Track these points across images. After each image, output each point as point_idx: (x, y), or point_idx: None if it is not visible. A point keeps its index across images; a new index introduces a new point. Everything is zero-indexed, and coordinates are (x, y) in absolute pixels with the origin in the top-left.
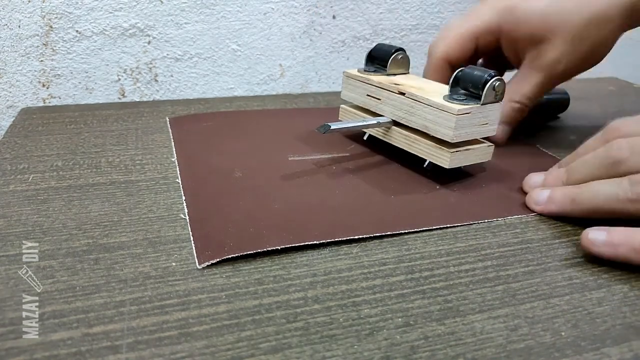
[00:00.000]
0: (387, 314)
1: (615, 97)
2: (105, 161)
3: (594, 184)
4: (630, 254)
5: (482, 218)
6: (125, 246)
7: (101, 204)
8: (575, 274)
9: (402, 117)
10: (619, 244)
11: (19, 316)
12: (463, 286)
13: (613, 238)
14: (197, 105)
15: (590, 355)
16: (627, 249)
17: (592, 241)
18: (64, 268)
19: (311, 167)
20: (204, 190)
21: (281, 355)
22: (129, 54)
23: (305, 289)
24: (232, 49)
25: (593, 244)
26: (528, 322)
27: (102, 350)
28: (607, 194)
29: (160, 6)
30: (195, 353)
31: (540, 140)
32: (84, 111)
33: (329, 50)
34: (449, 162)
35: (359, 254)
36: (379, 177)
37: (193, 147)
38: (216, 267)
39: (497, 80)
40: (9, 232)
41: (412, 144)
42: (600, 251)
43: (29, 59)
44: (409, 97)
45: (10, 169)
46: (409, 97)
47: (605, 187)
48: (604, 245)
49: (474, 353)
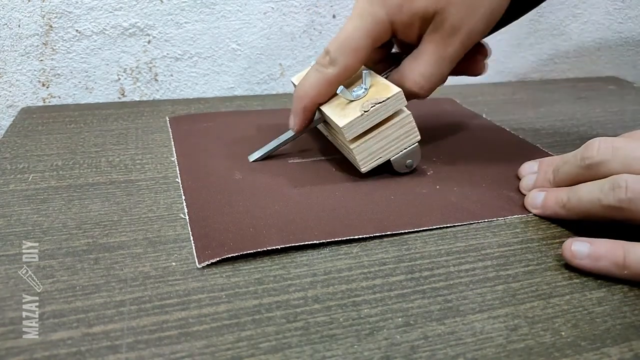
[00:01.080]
0: (387, 314)
1: (615, 97)
2: (105, 161)
3: (580, 187)
4: (612, 268)
5: (482, 218)
6: (125, 246)
7: (101, 203)
8: (575, 274)
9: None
10: (600, 257)
11: (19, 316)
12: (463, 286)
13: (595, 251)
14: (197, 104)
15: (590, 355)
16: (609, 263)
17: (574, 253)
18: (64, 268)
19: (311, 167)
20: (204, 189)
21: (281, 355)
22: (129, 54)
23: (305, 288)
24: (232, 48)
25: (575, 256)
26: (528, 322)
27: (102, 350)
28: (590, 199)
29: (160, 5)
30: (195, 353)
31: (541, 140)
32: (83, 111)
33: None
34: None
35: (359, 254)
36: (378, 177)
37: (193, 147)
38: (216, 267)
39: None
40: (9, 232)
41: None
42: (581, 264)
43: (29, 59)
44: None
45: (10, 169)
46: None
47: (588, 192)
48: (586, 258)
49: (474, 353)
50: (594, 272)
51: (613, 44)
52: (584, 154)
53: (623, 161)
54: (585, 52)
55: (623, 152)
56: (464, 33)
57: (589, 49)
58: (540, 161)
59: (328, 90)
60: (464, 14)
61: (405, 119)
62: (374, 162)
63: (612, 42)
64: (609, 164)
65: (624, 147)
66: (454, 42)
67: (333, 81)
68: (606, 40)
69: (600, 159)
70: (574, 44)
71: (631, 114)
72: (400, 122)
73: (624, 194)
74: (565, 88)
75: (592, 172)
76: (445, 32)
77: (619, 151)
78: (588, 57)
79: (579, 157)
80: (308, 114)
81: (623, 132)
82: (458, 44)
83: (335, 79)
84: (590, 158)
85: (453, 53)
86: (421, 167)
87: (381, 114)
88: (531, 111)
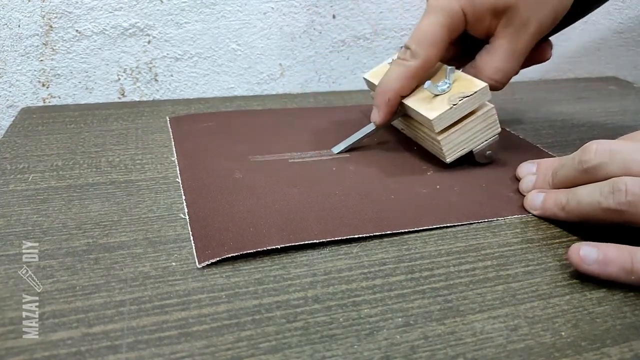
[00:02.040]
0: (387, 314)
1: (615, 97)
2: (105, 161)
3: (579, 189)
4: (620, 274)
5: (482, 218)
6: (125, 246)
7: (101, 203)
8: (575, 274)
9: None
10: (608, 262)
11: (19, 316)
12: (463, 286)
13: (604, 256)
14: (197, 104)
15: (590, 355)
16: (617, 268)
17: (583, 258)
18: (64, 268)
19: (311, 167)
20: (204, 189)
21: (281, 355)
22: (129, 54)
23: (305, 288)
24: (232, 48)
25: (584, 261)
26: (528, 322)
27: (102, 350)
28: (590, 202)
29: (160, 6)
30: (195, 353)
31: (541, 140)
32: (84, 111)
33: (329, 50)
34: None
35: (359, 254)
36: (378, 176)
37: (193, 147)
38: (216, 267)
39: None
40: (9, 232)
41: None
42: (590, 269)
43: (29, 59)
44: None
45: (10, 169)
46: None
47: (588, 195)
48: (594, 263)
49: (474, 353)
50: (601, 278)
51: (613, 44)
52: (581, 157)
53: (621, 164)
54: (585, 52)
55: (621, 154)
56: (533, 27)
57: (589, 49)
58: (538, 162)
59: (411, 83)
60: (533, 8)
61: (489, 112)
62: (458, 153)
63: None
64: (607, 167)
65: (622, 150)
66: (524, 36)
67: (415, 74)
68: (606, 40)
69: (597, 162)
70: (574, 44)
71: (631, 114)
72: (484, 115)
73: (624, 197)
74: (565, 88)
75: (590, 175)
76: (516, 27)
77: (616, 154)
78: (588, 57)
79: (577, 161)
80: (391, 107)
81: (623, 133)
82: (529, 38)
83: (417, 71)
84: (587, 162)
85: (525, 46)
86: (421, 167)
87: (468, 107)
88: (531, 111)
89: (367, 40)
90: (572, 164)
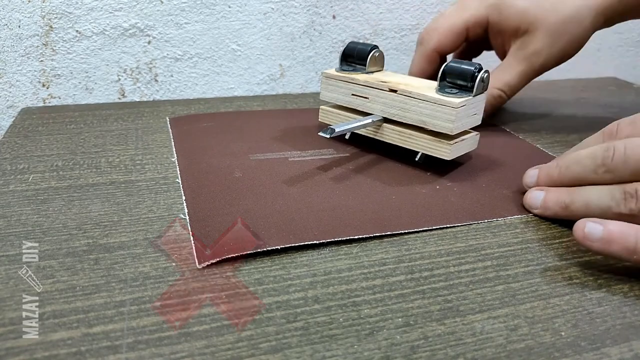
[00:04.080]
0: (387, 314)
1: (615, 97)
2: (105, 161)
3: (587, 191)
4: (622, 253)
5: (482, 218)
6: (125, 246)
7: (101, 204)
8: (575, 274)
9: (394, 114)
10: (612, 240)
11: (19, 316)
12: (463, 286)
13: (609, 234)
14: (197, 105)
15: (590, 355)
16: (620, 247)
17: (587, 235)
18: (64, 268)
19: (311, 167)
20: (204, 189)
21: (281, 355)
22: (129, 54)
23: (305, 289)
24: (232, 48)
25: (587, 237)
26: (528, 322)
27: (102, 350)
28: (599, 206)
29: (160, 6)
30: (195, 353)
31: (541, 140)
32: (84, 111)
33: (329, 50)
34: (450, 153)
35: (359, 254)
36: (379, 176)
37: (193, 147)
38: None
39: (484, 73)
40: (9, 232)
41: (407, 140)
42: (593, 246)
43: (29, 59)
44: (401, 94)
45: (10, 169)
46: (401, 94)
47: (597, 198)
48: (598, 241)
49: (474, 353)
50: (603, 255)
51: (613, 44)
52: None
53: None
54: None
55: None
56: (543, 58)
57: (589, 49)
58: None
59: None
60: (547, 41)
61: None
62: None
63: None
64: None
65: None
66: (535, 64)
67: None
68: (606, 40)
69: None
70: None
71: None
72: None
73: (635, 204)
74: (565, 88)
75: (605, 179)
76: (528, 53)
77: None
78: (588, 57)
79: (599, 163)
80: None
81: None
82: (538, 66)
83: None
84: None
85: (534, 71)
86: (421, 167)
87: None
88: (531, 111)
89: (367, 40)
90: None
